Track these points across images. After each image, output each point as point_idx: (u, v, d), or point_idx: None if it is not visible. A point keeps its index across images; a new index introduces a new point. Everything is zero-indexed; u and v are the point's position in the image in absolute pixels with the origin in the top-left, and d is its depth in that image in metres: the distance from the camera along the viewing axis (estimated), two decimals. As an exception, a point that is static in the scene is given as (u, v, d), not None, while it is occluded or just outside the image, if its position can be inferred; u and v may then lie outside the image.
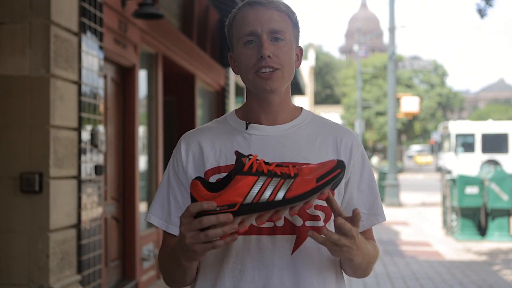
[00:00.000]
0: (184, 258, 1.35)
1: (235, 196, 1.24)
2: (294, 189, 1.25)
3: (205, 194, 1.26)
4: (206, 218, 1.24)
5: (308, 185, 1.25)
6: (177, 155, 1.54)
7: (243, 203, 1.24)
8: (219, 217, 1.23)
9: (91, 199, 4.11)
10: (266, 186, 1.25)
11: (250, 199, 1.24)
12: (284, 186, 1.25)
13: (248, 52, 1.45)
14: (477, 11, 9.45)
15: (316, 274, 1.44)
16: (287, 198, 1.24)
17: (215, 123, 1.58)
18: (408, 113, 21.34)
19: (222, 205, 1.24)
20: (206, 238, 1.25)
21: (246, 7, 1.49)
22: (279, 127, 1.51)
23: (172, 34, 6.91)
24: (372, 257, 1.48)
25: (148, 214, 1.54)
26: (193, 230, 1.26)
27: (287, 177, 1.26)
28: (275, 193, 1.24)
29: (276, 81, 1.45)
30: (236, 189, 1.24)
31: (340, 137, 1.53)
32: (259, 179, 1.25)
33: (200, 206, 1.25)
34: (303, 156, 1.46)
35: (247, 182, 1.25)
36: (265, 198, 1.24)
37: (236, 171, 1.26)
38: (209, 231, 1.24)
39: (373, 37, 30.38)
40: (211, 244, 1.26)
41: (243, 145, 1.48)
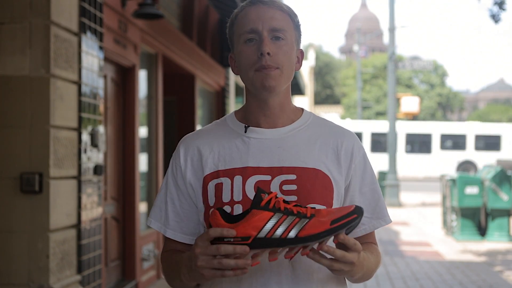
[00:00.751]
0: (187, 277, 1.37)
1: (250, 229, 1.27)
2: (308, 229, 1.27)
3: (222, 224, 1.29)
4: (223, 247, 1.27)
5: (322, 226, 1.27)
6: (176, 159, 1.54)
7: (257, 237, 1.27)
8: (236, 248, 1.26)
9: (91, 199, 4.11)
10: (280, 223, 1.27)
11: (263, 233, 1.27)
12: (298, 225, 1.27)
13: (248, 50, 1.44)
14: (490, 16, 9.39)
15: (315, 280, 1.43)
16: (299, 236, 1.26)
17: (215, 125, 1.57)
18: (408, 113, 21.36)
19: (236, 236, 1.27)
20: (219, 265, 1.27)
21: (249, 6, 1.48)
22: (278, 130, 1.49)
23: (172, 34, 6.91)
24: (373, 267, 1.48)
25: (148, 218, 1.56)
26: (208, 255, 1.29)
27: (302, 216, 1.28)
28: (288, 230, 1.27)
29: (274, 79, 1.43)
30: (251, 222, 1.27)
31: (341, 140, 1.51)
32: (274, 215, 1.28)
33: (220, 232, 1.28)
34: (302, 159, 1.45)
35: (263, 216, 1.27)
36: (278, 235, 1.27)
37: (253, 205, 1.29)
38: (223, 260, 1.27)
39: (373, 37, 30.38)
40: (221, 272, 1.28)
41: (242, 149, 1.47)
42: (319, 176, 1.44)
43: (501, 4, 9.28)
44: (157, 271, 6.46)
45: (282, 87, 1.48)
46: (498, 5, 9.32)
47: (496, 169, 9.91)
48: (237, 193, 1.42)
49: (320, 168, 1.45)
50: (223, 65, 9.60)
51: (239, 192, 1.42)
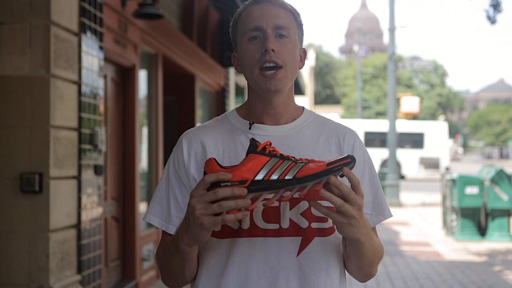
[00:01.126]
0: (186, 239, 1.32)
1: (247, 172, 1.26)
2: (304, 170, 1.26)
3: (217, 170, 1.28)
4: (221, 190, 1.24)
5: (318, 168, 1.27)
6: (178, 154, 1.51)
7: (254, 180, 1.26)
8: (234, 190, 1.23)
9: (91, 199, 4.11)
10: (277, 166, 1.27)
11: (260, 176, 1.26)
12: (294, 168, 1.27)
13: (252, 47, 1.44)
14: (487, 18, 9.44)
15: (323, 275, 1.43)
16: (297, 177, 1.26)
17: (216, 122, 1.56)
18: (408, 113, 21.37)
19: (233, 180, 1.25)
20: (220, 208, 1.23)
21: (252, 4, 1.48)
22: (282, 128, 1.50)
23: (172, 34, 6.91)
24: (377, 247, 1.46)
25: (147, 214, 1.51)
26: (206, 201, 1.25)
27: (298, 161, 1.29)
28: (285, 173, 1.26)
29: (280, 81, 1.43)
30: (248, 166, 1.27)
31: (342, 136, 1.53)
32: (271, 159, 1.28)
33: (216, 176, 1.25)
34: (306, 156, 1.45)
35: (259, 160, 1.27)
36: (275, 177, 1.26)
37: (249, 151, 1.29)
38: (223, 202, 1.23)
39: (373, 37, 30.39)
40: (221, 217, 1.24)
41: (246, 145, 1.46)
42: None
43: (497, 6, 9.31)
44: (157, 271, 6.46)
45: (287, 87, 1.48)
46: (493, 7, 9.35)
47: (496, 169, 9.91)
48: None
49: None
50: (223, 65, 9.60)
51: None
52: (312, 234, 1.41)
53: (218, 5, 8.74)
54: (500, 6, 9.30)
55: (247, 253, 1.41)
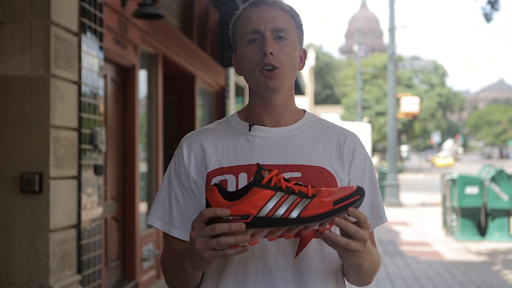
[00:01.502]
0: (190, 266, 1.33)
1: (250, 207, 1.23)
2: (310, 209, 1.23)
3: (220, 202, 1.25)
4: (218, 225, 1.23)
5: (324, 207, 1.23)
6: (179, 156, 1.52)
7: (257, 216, 1.23)
8: (231, 226, 1.22)
9: (91, 199, 4.11)
10: (282, 202, 1.24)
11: (264, 212, 1.23)
12: (300, 205, 1.23)
13: (251, 50, 1.44)
14: (483, 15, 9.44)
15: (320, 277, 1.43)
16: (301, 217, 1.23)
17: (217, 125, 1.57)
18: (408, 113, 21.35)
19: (236, 215, 1.23)
20: (217, 245, 1.23)
21: (250, 7, 1.48)
22: (282, 129, 1.50)
23: (172, 34, 6.91)
24: (376, 263, 1.46)
25: (149, 216, 1.52)
26: (204, 236, 1.25)
27: (304, 196, 1.25)
28: (290, 210, 1.23)
29: (278, 80, 1.43)
30: (252, 201, 1.23)
31: (343, 139, 1.52)
32: (276, 194, 1.24)
33: (214, 212, 1.24)
34: (306, 158, 1.45)
35: (264, 195, 1.24)
36: (279, 214, 1.23)
37: (254, 183, 1.25)
38: (221, 238, 1.23)
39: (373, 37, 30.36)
40: (221, 252, 1.25)
41: (246, 147, 1.47)
42: (324, 174, 1.45)
43: (494, 4, 9.31)
44: (157, 271, 6.46)
45: (286, 87, 1.48)
46: (490, 5, 9.34)
47: (496, 169, 9.91)
48: None
49: (324, 166, 1.46)
50: (223, 65, 9.60)
51: None
52: (310, 235, 1.41)
53: (218, 5, 8.74)
54: (497, 4, 9.30)
55: (245, 254, 1.41)
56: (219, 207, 1.24)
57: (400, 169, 36.92)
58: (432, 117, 48.39)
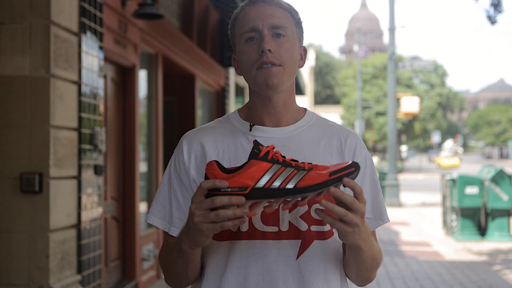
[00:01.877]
0: (188, 243, 1.32)
1: (248, 179, 1.25)
2: (306, 180, 1.25)
3: (218, 175, 1.27)
4: (218, 198, 1.23)
5: (320, 177, 1.25)
6: (178, 155, 1.51)
7: (255, 187, 1.24)
8: (231, 199, 1.23)
9: (91, 199, 4.11)
10: (279, 174, 1.25)
11: (261, 184, 1.25)
12: (296, 176, 1.25)
13: (250, 48, 1.43)
14: (487, 17, 9.44)
15: (322, 279, 1.42)
16: (298, 187, 1.24)
17: (218, 123, 1.55)
18: (408, 113, 21.36)
19: (233, 186, 1.24)
20: (217, 217, 1.23)
21: (248, 5, 1.47)
22: (283, 129, 1.49)
23: (172, 34, 6.91)
24: (376, 252, 1.45)
25: (148, 215, 1.51)
26: (204, 209, 1.25)
27: (300, 169, 1.26)
28: (286, 181, 1.25)
29: (276, 76, 1.42)
30: (249, 172, 1.25)
31: (344, 138, 1.51)
32: (273, 166, 1.26)
33: (213, 183, 1.24)
34: (307, 159, 1.44)
35: (261, 167, 1.26)
36: (276, 185, 1.25)
37: (251, 156, 1.27)
38: (220, 211, 1.23)
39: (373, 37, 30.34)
40: (220, 224, 1.24)
41: (246, 147, 1.46)
42: None
43: (497, 6, 9.31)
44: (157, 271, 6.46)
45: (286, 85, 1.46)
46: (494, 7, 9.34)
47: (496, 169, 9.91)
48: None
49: None
50: (223, 65, 9.60)
51: None
52: (311, 237, 1.41)
53: (218, 5, 8.73)
54: (500, 6, 9.30)
55: (246, 256, 1.40)
56: (217, 178, 1.26)
57: (400, 169, 36.87)
58: (432, 117, 48.38)
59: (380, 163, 37.68)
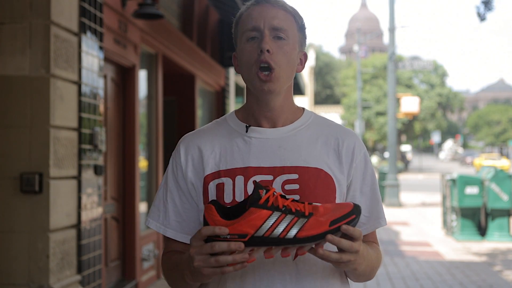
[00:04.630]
0: (190, 278, 1.36)
1: (248, 227, 1.26)
2: (307, 230, 1.26)
3: (218, 221, 1.28)
4: (217, 244, 1.25)
5: (321, 227, 1.26)
6: (176, 158, 1.52)
7: (254, 235, 1.26)
8: (230, 245, 1.25)
9: (91, 199, 4.11)
10: (279, 222, 1.26)
11: (261, 232, 1.26)
12: (297, 225, 1.26)
13: (250, 48, 1.44)
14: (477, 14, 9.48)
15: (320, 279, 1.42)
16: (298, 237, 1.25)
17: (215, 124, 1.56)
18: (408, 113, 21.37)
19: (233, 233, 1.26)
20: (216, 263, 1.26)
21: (253, 5, 1.48)
22: (279, 130, 1.49)
23: (172, 34, 6.91)
24: (375, 263, 1.47)
25: (147, 218, 1.53)
26: (203, 254, 1.28)
27: (301, 215, 1.27)
28: (287, 230, 1.25)
29: (273, 82, 1.43)
30: (249, 220, 1.26)
31: (342, 139, 1.50)
32: (273, 214, 1.26)
33: (212, 231, 1.26)
34: (303, 159, 1.44)
35: (261, 215, 1.26)
36: (276, 234, 1.26)
37: (251, 203, 1.27)
38: (220, 257, 1.26)
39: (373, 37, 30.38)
40: (220, 269, 1.27)
41: (243, 149, 1.46)
42: (321, 175, 1.44)
43: (487, 4, 9.32)
44: (157, 271, 6.46)
45: (282, 88, 1.47)
46: (484, 4, 9.36)
47: (496, 169, 9.91)
48: (239, 193, 1.42)
49: (322, 167, 1.45)
50: (223, 65, 9.60)
51: (241, 192, 1.41)
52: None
53: (218, 5, 8.73)
54: (491, 4, 9.32)
55: None
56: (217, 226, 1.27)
57: (401, 169, 36.82)
58: (432, 117, 48.37)
59: (380, 163, 37.67)
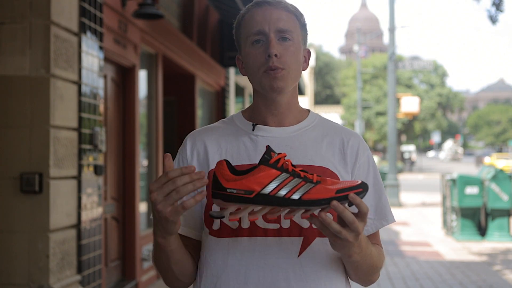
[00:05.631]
0: (160, 234, 1.32)
1: (254, 184, 1.25)
2: (312, 193, 1.25)
3: (227, 175, 1.27)
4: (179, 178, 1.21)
5: (327, 193, 1.25)
6: (182, 153, 1.53)
7: (260, 193, 1.25)
8: (192, 175, 1.22)
9: (91, 199, 4.11)
10: (286, 183, 1.25)
11: (267, 190, 1.25)
12: (303, 188, 1.25)
13: (256, 51, 1.45)
14: (488, 17, 9.46)
15: (324, 277, 1.42)
16: (303, 199, 1.24)
17: (222, 123, 1.57)
18: (408, 113, 21.36)
19: (239, 189, 1.25)
20: (178, 195, 1.22)
21: (255, 7, 1.48)
22: (286, 129, 1.50)
23: (172, 34, 6.91)
24: (374, 260, 1.45)
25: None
26: (166, 193, 1.24)
27: (308, 181, 1.26)
28: (292, 191, 1.25)
29: (282, 80, 1.44)
30: (257, 178, 1.25)
31: (346, 139, 1.52)
32: (281, 174, 1.26)
33: (180, 171, 1.23)
34: (309, 158, 1.45)
35: (269, 174, 1.26)
36: (281, 194, 1.25)
37: (261, 162, 1.27)
38: (180, 187, 1.22)
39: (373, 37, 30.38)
40: (181, 205, 1.23)
41: (249, 147, 1.47)
42: (327, 174, 1.44)
43: (499, 6, 9.32)
44: (157, 271, 6.46)
45: (290, 87, 1.48)
46: (495, 6, 9.35)
47: (496, 169, 9.91)
48: None
49: (327, 166, 1.46)
50: (223, 65, 9.60)
51: None
52: (313, 234, 1.41)
53: (218, 5, 8.73)
54: (502, 6, 9.31)
55: (247, 253, 1.40)
56: (226, 180, 1.25)
57: (400, 170, 36.83)
58: (432, 117, 48.37)
59: (380, 163, 37.69)
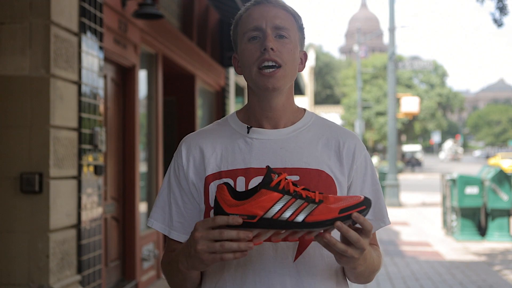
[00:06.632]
0: (185, 265, 1.34)
1: (257, 208, 1.25)
2: (316, 215, 1.24)
3: (228, 200, 1.27)
4: (227, 232, 1.24)
5: (330, 213, 1.24)
6: (178, 159, 1.52)
7: (263, 217, 1.24)
8: (239, 233, 1.24)
9: (91, 199, 4.11)
10: (288, 205, 1.25)
11: (270, 214, 1.24)
12: (306, 210, 1.25)
13: (252, 47, 1.44)
14: (493, 20, 9.47)
15: (319, 281, 1.42)
16: (306, 221, 1.24)
17: (216, 125, 1.56)
18: (408, 113, 21.36)
19: (242, 214, 1.25)
20: (222, 249, 1.24)
21: (253, 5, 1.48)
22: (280, 131, 1.49)
23: (172, 34, 6.91)
24: (375, 266, 1.46)
25: (149, 219, 1.52)
26: (210, 239, 1.26)
27: (311, 201, 1.26)
28: (296, 214, 1.24)
29: (278, 79, 1.42)
30: (259, 202, 1.25)
31: (343, 140, 1.50)
32: (283, 197, 1.26)
33: (226, 221, 1.25)
34: (304, 161, 1.44)
35: (271, 197, 1.25)
36: (285, 217, 1.24)
37: (262, 185, 1.27)
38: (226, 243, 1.24)
39: (373, 37, 30.36)
40: (220, 255, 1.26)
41: (244, 150, 1.46)
42: (322, 176, 1.43)
43: (503, 9, 9.33)
44: (157, 271, 6.46)
45: (286, 87, 1.47)
46: (499, 10, 9.36)
47: (496, 169, 9.91)
48: None
49: (323, 169, 1.45)
50: (223, 65, 9.60)
51: None
52: (309, 239, 1.41)
53: (218, 5, 8.73)
54: (506, 9, 9.32)
55: (243, 258, 1.39)
56: (227, 205, 1.26)
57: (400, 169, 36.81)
58: (432, 117, 48.37)
59: (380, 163, 37.68)
